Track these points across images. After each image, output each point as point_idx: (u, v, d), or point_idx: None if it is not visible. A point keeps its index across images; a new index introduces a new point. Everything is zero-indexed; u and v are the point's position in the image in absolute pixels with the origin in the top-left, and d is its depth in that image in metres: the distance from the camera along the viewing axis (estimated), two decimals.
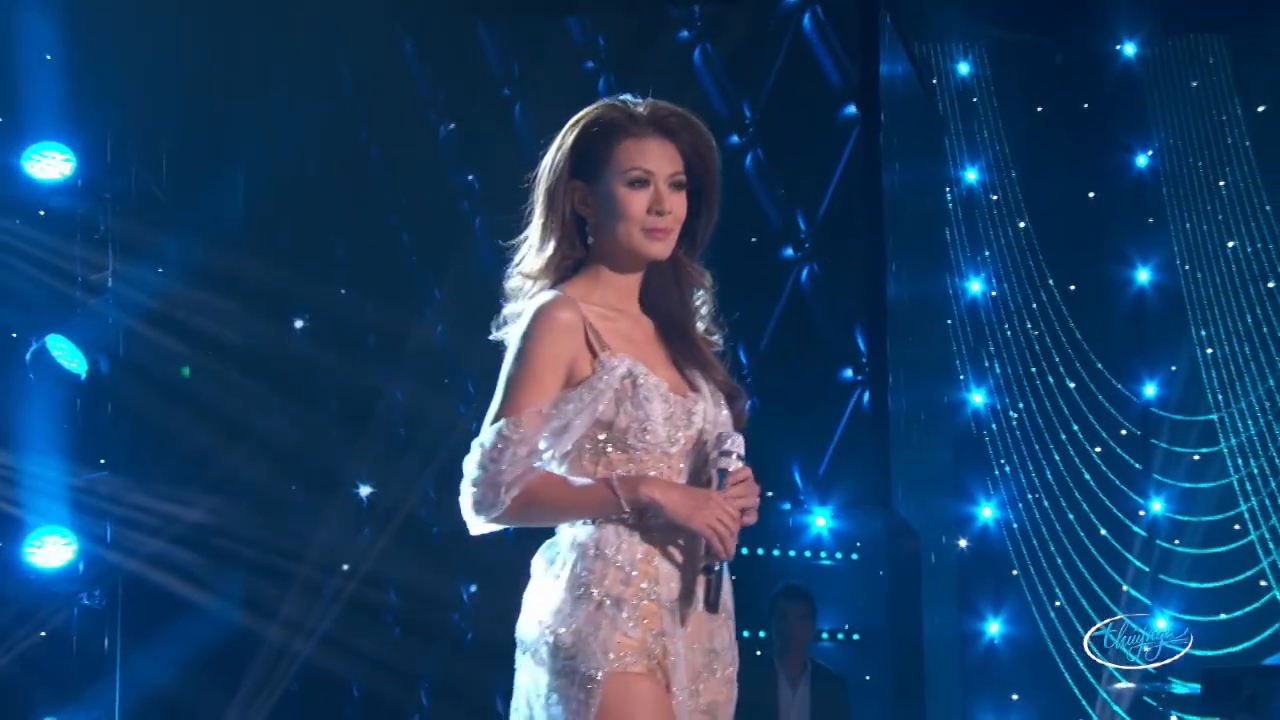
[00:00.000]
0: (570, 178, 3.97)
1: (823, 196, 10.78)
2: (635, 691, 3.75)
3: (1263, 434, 12.48)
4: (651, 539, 3.84)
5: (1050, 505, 12.53)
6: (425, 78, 11.44)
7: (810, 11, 11.01)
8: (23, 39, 10.38)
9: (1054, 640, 12.37)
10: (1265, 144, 12.57)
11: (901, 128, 11.62)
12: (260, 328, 11.06)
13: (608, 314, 3.96)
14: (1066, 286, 12.73)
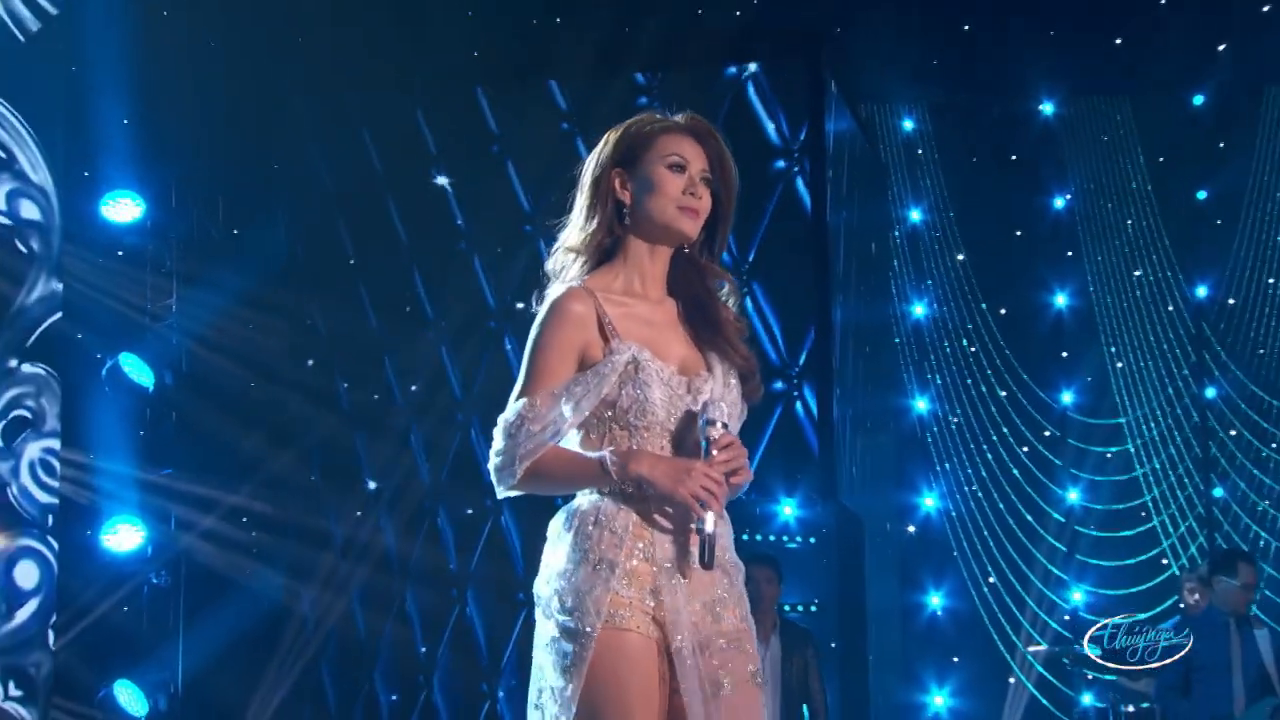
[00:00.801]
0: (614, 165, 4.00)
1: (756, 233, 10.82)
2: (623, 645, 3.73)
3: (1163, 435, 12.48)
4: (646, 507, 3.82)
5: (984, 496, 12.53)
6: (431, 135, 11.46)
7: (752, 79, 11.07)
8: (100, 105, 10.40)
9: (987, 611, 12.37)
10: (1163, 188, 12.62)
11: (848, 174, 11.63)
12: (296, 346, 11.08)
13: (627, 300, 3.97)
14: (997, 310, 12.73)
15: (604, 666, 3.73)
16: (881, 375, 12.65)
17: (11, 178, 10.47)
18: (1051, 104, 12.84)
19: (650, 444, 3.85)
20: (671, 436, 3.89)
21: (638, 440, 3.83)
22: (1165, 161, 12.72)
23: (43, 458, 10.47)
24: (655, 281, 4.04)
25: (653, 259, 4.04)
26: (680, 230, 3.96)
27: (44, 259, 10.53)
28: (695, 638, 3.81)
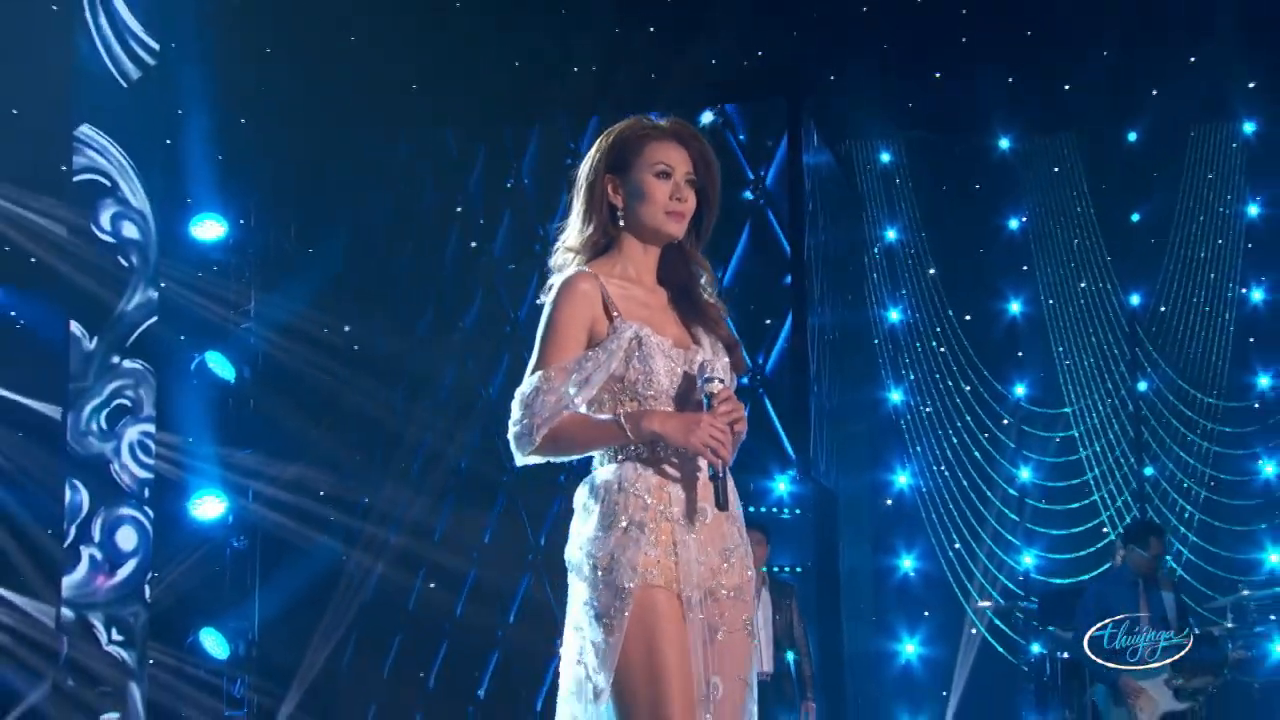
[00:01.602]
0: (607, 171, 3.92)
1: (733, 253, 10.82)
2: (657, 600, 3.66)
3: (1102, 422, 12.44)
4: (662, 471, 3.76)
5: (949, 474, 12.48)
6: (463, 167, 11.47)
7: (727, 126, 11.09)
8: (189, 141, 10.44)
9: (951, 572, 12.33)
10: (1103, 212, 12.60)
11: (822, 201, 11.60)
12: (355, 343, 11.08)
13: (625, 285, 3.90)
14: (962, 315, 12.70)
15: (641, 621, 3.65)
16: (860, 371, 12.62)
17: (115, 203, 10.51)
18: (1008, 140, 12.79)
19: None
20: (674, 401, 3.81)
21: (645, 409, 3.76)
22: (1105, 189, 12.67)
23: (140, 440, 10.51)
24: (648, 272, 3.98)
25: (645, 253, 3.98)
26: (668, 233, 3.91)
27: (142, 272, 10.56)
28: (703, 588, 3.75)
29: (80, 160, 10.52)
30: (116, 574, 10.40)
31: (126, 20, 10.63)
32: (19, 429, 10.19)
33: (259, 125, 10.71)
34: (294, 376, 10.55)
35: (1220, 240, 12.55)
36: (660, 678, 3.60)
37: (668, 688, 3.59)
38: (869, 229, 12.79)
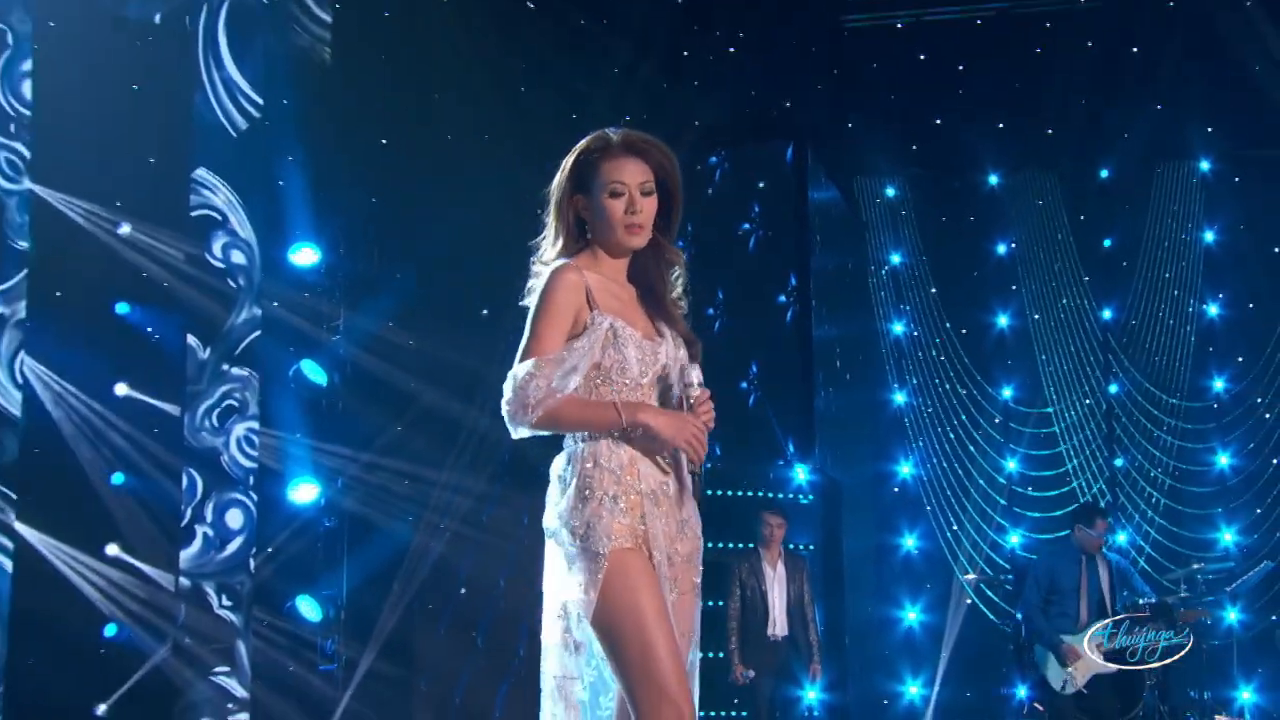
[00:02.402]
0: (572, 193, 3.82)
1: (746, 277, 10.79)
2: (629, 561, 3.59)
3: (1080, 420, 12.36)
4: (634, 448, 3.68)
5: (947, 465, 12.40)
6: (510, 204, 11.43)
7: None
8: (287, 180, 10.45)
9: (949, 549, 12.26)
10: (1082, 240, 12.54)
11: (826, 230, 11.54)
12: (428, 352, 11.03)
13: (602, 281, 3.80)
14: (959, 328, 12.62)
15: (621, 579, 3.58)
16: (869, 376, 12.53)
17: (225, 234, 10.55)
18: (997, 177, 12.71)
19: (630, 396, 3.70)
20: (643, 391, 3.74)
21: (620, 394, 3.69)
22: (1082, 220, 12.61)
23: (246, 435, 10.53)
24: (619, 272, 3.88)
25: (614, 263, 3.87)
26: (629, 246, 3.81)
27: (248, 292, 10.59)
28: (667, 551, 3.68)
29: (196, 199, 10.58)
30: (225, 548, 10.44)
31: (236, 80, 10.68)
32: (146, 424, 10.25)
33: (347, 167, 10.70)
34: (376, 381, 10.53)
35: (1182, 263, 12.45)
36: (646, 627, 3.53)
37: (654, 635, 3.53)
38: (875, 253, 12.70)
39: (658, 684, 3.49)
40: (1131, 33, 11.80)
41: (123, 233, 10.20)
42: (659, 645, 3.52)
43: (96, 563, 9.88)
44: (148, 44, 10.36)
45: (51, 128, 10.01)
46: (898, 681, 11.92)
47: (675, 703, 3.49)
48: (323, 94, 10.55)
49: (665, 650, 3.52)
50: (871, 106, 12.11)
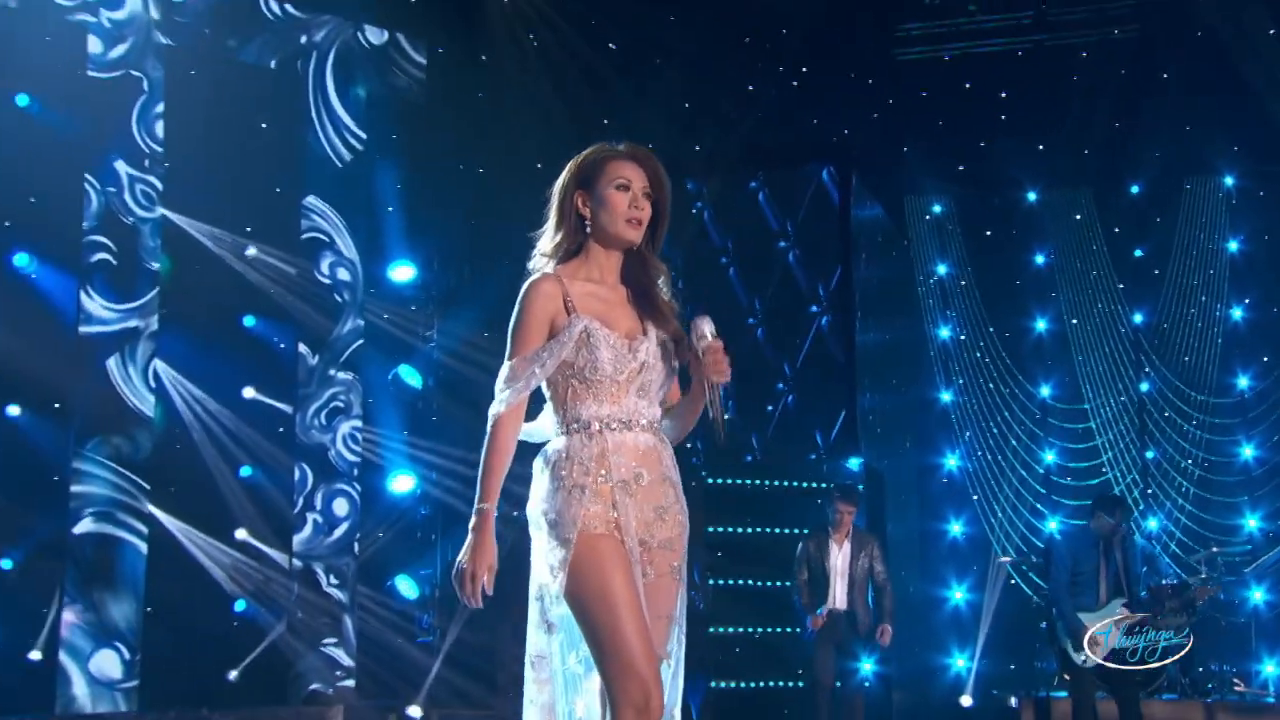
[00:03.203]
0: (576, 189, 3.73)
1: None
2: (598, 545, 3.51)
3: (1114, 415, 12.25)
4: (605, 445, 3.60)
5: (990, 457, 12.36)
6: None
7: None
8: (386, 204, 10.69)
9: (992, 534, 12.17)
10: (1116, 250, 12.40)
11: (871, 245, 11.57)
12: None
13: (588, 285, 3.71)
14: (1002, 332, 12.58)
15: (584, 562, 3.51)
16: (917, 376, 12.53)
17: (333, 254, 10.85)
18: (1036, 193, 12.64)
19: (601, 394, 3.62)
20: (620, 387, 3.64)
21: (592, 391, 3.62)
22: (1116, 232, 12.47)
23: (351, 432, 10.82)
24: (610, 272, 3.77)
25: (607, 257, 3.77)
26: (628, 239, 3.72)
27: (352, 305, 10.87)
28: (640, 537, 3.58)
29: (306, 222, 10.87)
30: (333, 533, 10.70)
31: (341, 116, 10.97)
32: (264, 423, 10.52)
33: (438, 192, 10.90)
34: (466, 383, 10.67)
35: (1210, 270, 12.33)
36: (613, 607, 3.47)
37: (621, 614, 3.46)
38: (922, 264, 12.67)
39: (623, 659, 3.43)
40: (1160, 60, 11.76)
41: (249, 254, 10.50)
42: (625, 623, 3.45)
43: (223, 546, 10.17)
44: (264, 87, 10.67)
45: (180, 162, 10.31)
46: (945, 655, 11.92)
47: (640, 676, 3.42)
48: (417, 128, 10.76)
49: (631, 628, 3.46)
50: (921, 132, 12.16)
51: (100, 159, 10.09)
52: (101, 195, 10.05)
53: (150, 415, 10.09)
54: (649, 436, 3.68)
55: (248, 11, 10.62)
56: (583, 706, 3.61)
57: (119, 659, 9.83)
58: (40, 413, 9.77)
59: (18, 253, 9.82)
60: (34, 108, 9.85)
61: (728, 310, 11.18)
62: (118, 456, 9.97)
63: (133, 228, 10.15)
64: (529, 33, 11.11)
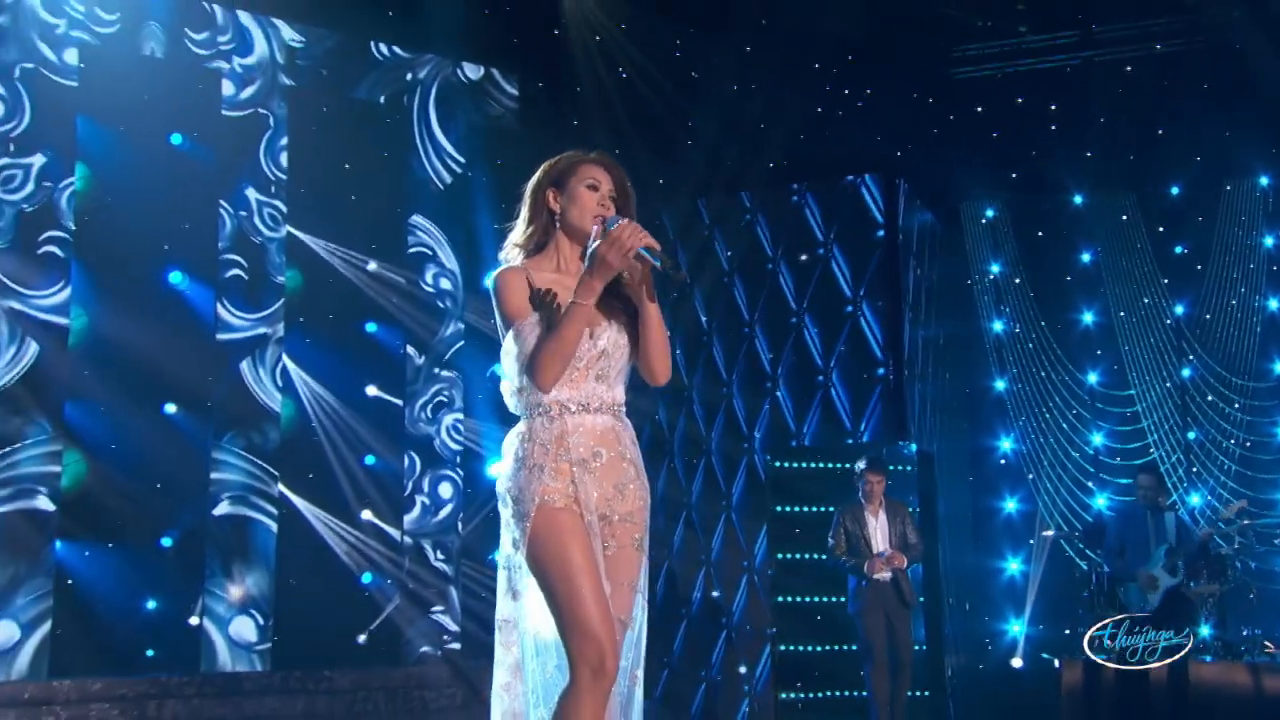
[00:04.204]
0: (549, 187, 3.72)
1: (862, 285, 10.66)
2: (556, 518, 3.46)
3: (1159, 400, 11.89)
4: (564, 426, 3.53)
5: (1042, 439, 12.09)
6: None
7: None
8: (483, 221, 10.75)
9: (1045, 510, 11.88)
10: (1159, 248, 12.04)
11: (921, 246, 11.40)
12: None
13: (553, 276, 3.64)
14: (1054, 325, 12.28)
15: (542, 534, 3.46)
16: (973, 365, 12.30)
17: (435, 265, 11.00)
18: (1082, 196, 12.34)
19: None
20: (579, 371, 3.54)
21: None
22: (1161, 231, 12.12)
23: (453, 424, 10.96)
24: (574, 263, 3.69)
25: (572, 250, 3.71)
26: (591, 233, 3.65)
27: (453, 311, 11.00)
28: (600, 512, 3.51)
29: (412, 238, 11.02)
30: (439, 513, 10.83)
31: (443, 144, 11.11)
32: (378, 416, 10.69)
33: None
34: None
35: (1249, 265, 11.91)
36: (570, 575, 3.42)
37: (578, 581, 3.41)
38: (977, 264, 12.42)
39: (580, 623, 3.38)
40: (1200, 72, 11.44)
41: (370, 269, 10.67)
42: (583, 589, 3.40)
43: (343, 524, 10.35)
44: (375, 120, 10.86)
45: (301, 187, 10.53)
46: (1002, 621, 11.71)
47: (596, 638, 3.37)
48: (509, 153, 10.84)
49: (588, 593, 3.40)
50: (976, 143, 11.96)
51: (233, 187, 10.37)
52: (234, 218, 10.32)
53: (278, 411, 10.32)
54: (608, 418, 3.60)
55: (359, 54, 10.83)
56: (553, 668, 3.56)
57: (254, 624, 10.09)
58: (188, 410, 10.06)
59: (172, 271, 10.12)
60: (185, 145, 10.14)
61: (779, 315, 11.07)
62: (250, 447, 10.23)
63: (261, 246, 10.40)
64: (617, 68, 11.15)
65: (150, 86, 9.96)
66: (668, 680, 10.30)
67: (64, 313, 9.65)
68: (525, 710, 3.60)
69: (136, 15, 10.01)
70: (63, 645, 9.39)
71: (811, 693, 9.91)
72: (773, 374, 10.99)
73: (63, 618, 9.42)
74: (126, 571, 9.73)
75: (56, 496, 9.51)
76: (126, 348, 9.67)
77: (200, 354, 10.07)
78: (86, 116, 9.82)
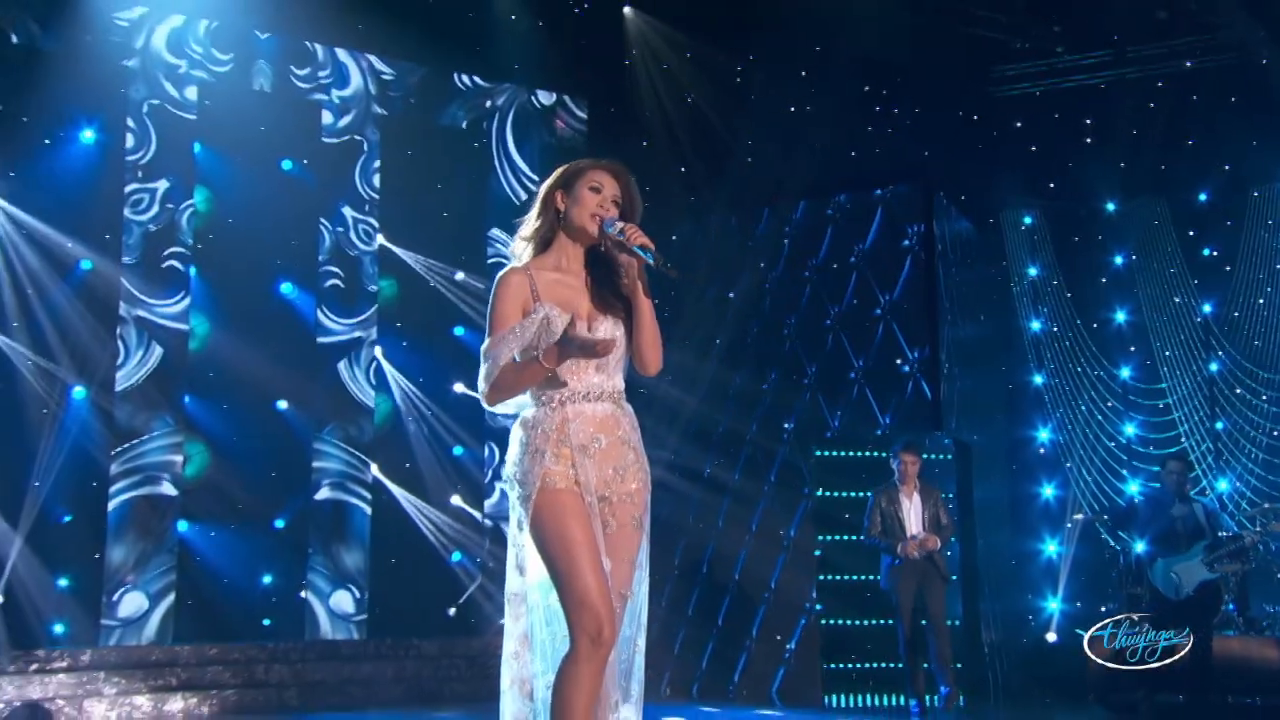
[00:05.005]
0: (557, 188, 3.70)
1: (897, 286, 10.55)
2: (558, 499, 3.45)
3: (1189, 393, 11.61)
4: (565, 414, 3.52)
5: (1079, 431, 11.88)
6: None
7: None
8: None
9: (1082, 496, 11.68)
10: (1187, 249, 11.76)
11: (958, 253, 11.27)
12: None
13: (554, 274, 3.63)
14: (1089, 324, 12.07)
15: (544, 514, 3.46)
16: (1011, 360, 12.13)
17: None
18: (1115, 204, 12.11)
19: (563, 369, 3.51)
20: (576, 364, 3.53)
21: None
22: (1191, 235, 11.84)
23: None
24: (575, 261, 3.68)
25: (574, 248, 3.69)
26: (590, 231, 3.63)
27: None
28: (600, 494, 3.50)
29: (490, 250, 11.16)
30: None
31: (518, 163, 11.23)
32: (463, 411, 10.85)
33: None
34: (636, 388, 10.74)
35: (1277, 265, 11.58)
36: (570, 551, 3.41)
37: (577, 556, 3.40)
38: (1016, 268, 12.24)
39: (579, 595, 3.37)
40: (1228, 86, 11.28)
41: (457, 278, 10.83)
42: (581, 564, 3.39)
43: (430, 507, 10.53)
44: (457, 143, 11.04)
45: (393, 204, 10.74)
46: (1041, 599, 11.54)
47: (594, 609, 3.36)
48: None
49: (587, 567, 3.39)
50: (1015, 156, 11.84)
51: (331, 205, 10.61)
52: (332, 234, 10.57)
53: (372, 406, 10.54)
54: (608, 405, 3.58)
55: (444, 84, 11.03)
56: (563, 636, 3.51)
57: (351, 597, 10.33)
58: (295, 406, 10.32)
59: (284, 282, 10.39)
60: (295, 170, 10.41)
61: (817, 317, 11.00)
62: (347, 438, 10.46)
63: (356, 259, 10.64)
64: (682, 93, 11.22)
65: (260, 118, 10.26)
66: (713, 648, 10.31)
67: (184, 320, 9.98)
68: (533, 675, 3.57)
69: (248, 55, 10.33)
70: (184, 614, 9.70)
71: (856, 664, 9.89)
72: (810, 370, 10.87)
73: (185, 590, 9.74)
74: (244, 549, 10.03)
75: (178, 482, 9.84)
76: (241, 350, 9.97)
77: (303, 356, 10.35)
78: (204, 145, 10.14)
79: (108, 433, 9.56)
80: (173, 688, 8.78)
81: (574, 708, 3.34)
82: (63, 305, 9.40)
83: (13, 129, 9.25)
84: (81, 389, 9.41)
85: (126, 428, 9.70)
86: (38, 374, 9.24)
